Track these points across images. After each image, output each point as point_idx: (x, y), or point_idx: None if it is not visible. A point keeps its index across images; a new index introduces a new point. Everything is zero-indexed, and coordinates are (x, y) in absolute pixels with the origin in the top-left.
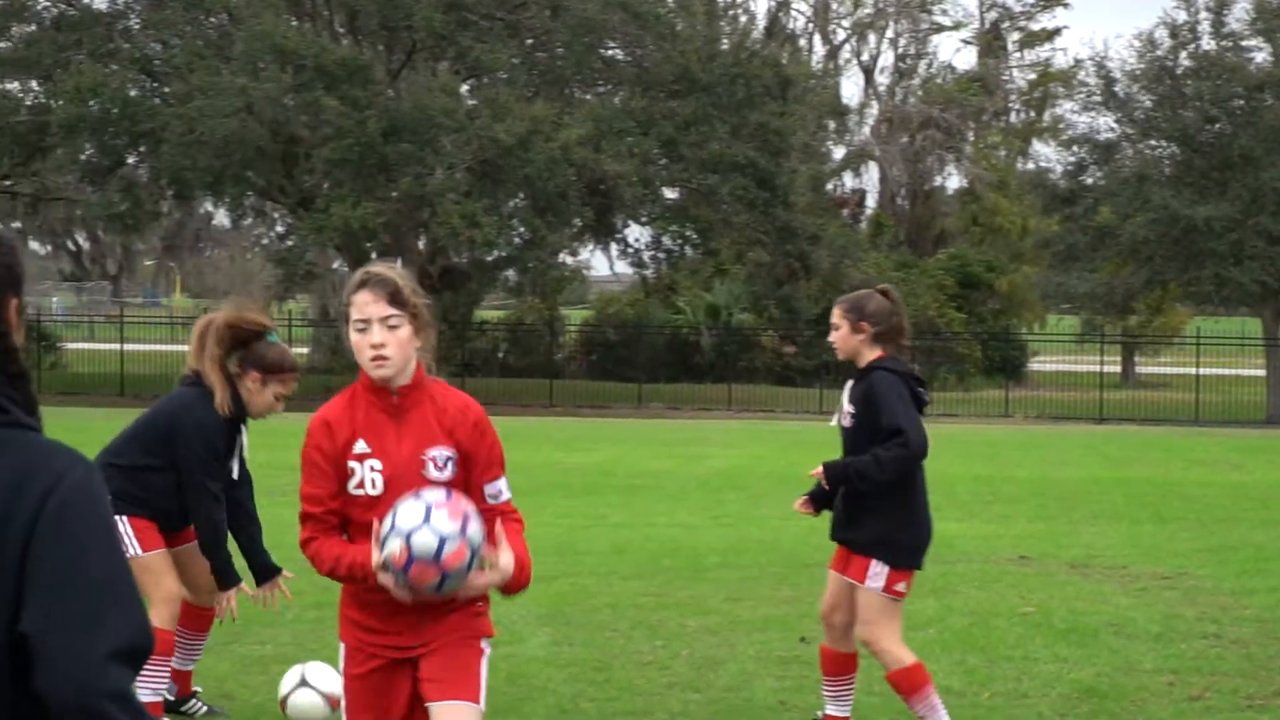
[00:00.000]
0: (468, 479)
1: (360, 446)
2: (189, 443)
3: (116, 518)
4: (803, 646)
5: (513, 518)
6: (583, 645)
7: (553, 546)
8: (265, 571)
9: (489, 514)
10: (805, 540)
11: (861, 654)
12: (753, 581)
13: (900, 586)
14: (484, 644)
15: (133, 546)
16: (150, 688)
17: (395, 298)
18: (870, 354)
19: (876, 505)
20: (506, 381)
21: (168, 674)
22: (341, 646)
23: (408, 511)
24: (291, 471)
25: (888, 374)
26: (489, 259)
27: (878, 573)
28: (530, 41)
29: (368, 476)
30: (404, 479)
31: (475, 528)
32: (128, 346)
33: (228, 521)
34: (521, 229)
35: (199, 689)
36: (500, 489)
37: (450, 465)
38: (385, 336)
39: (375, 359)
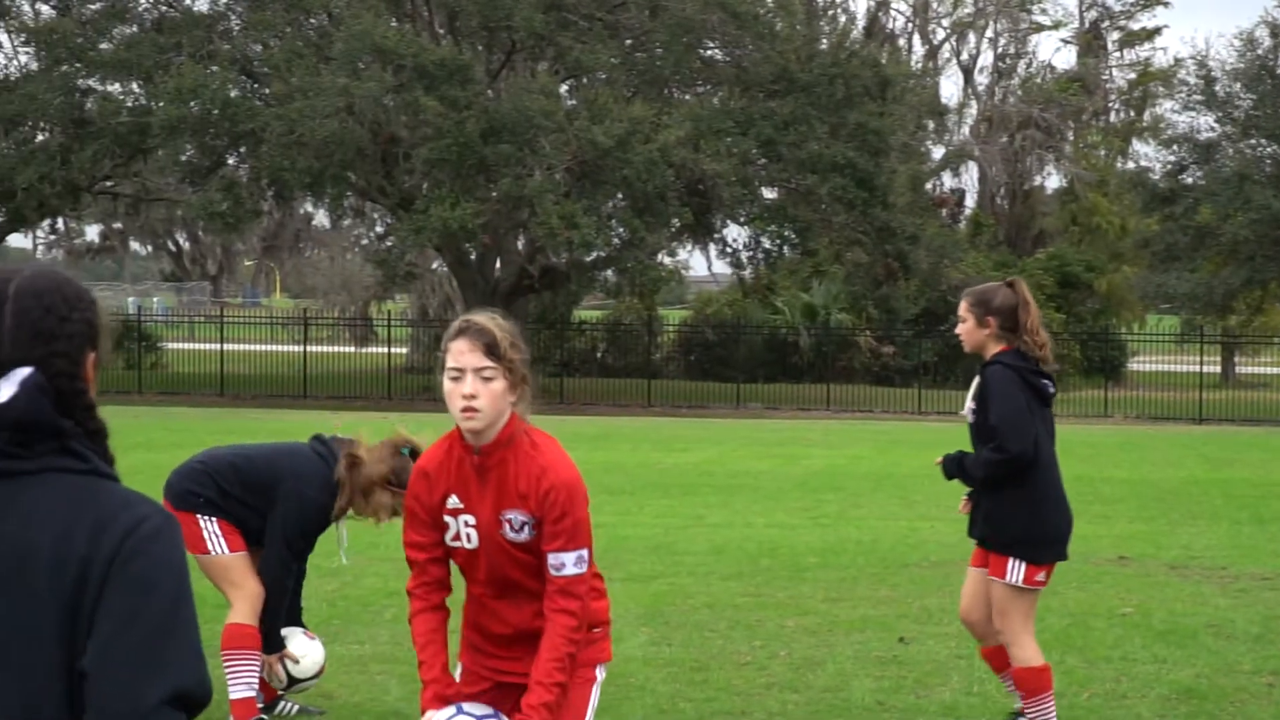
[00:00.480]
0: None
1: (453, 501)
2: (287, 514)
3: (205, 518)
4: (901, 647)
5: (562, 607)
6: (681, 645)
7: (651, 547)
8: (274, 644)
9: (549, 586)
10: (903, 540)
11: (961, 653)
12: (851, 582)
13: (1040, 577)
14: (597, 670)
15: (218, 546)
16: (244, 682)
17: (491, 350)
18: (995, 348)
19: (1008, 503)
20: (605, 381)
21: (258, 669)
22: (459, 666)
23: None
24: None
25: (1002, 369)
26: (587, 259)
27: (1015, 568)
28: (629, 42)
29: (463, 531)
30: (490, 538)
31: None
32: (227, 346)
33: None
34: (620, 229)
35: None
36: (562, 562)
37: (526, 529)
38: (478, 388)
39: (466, 410)
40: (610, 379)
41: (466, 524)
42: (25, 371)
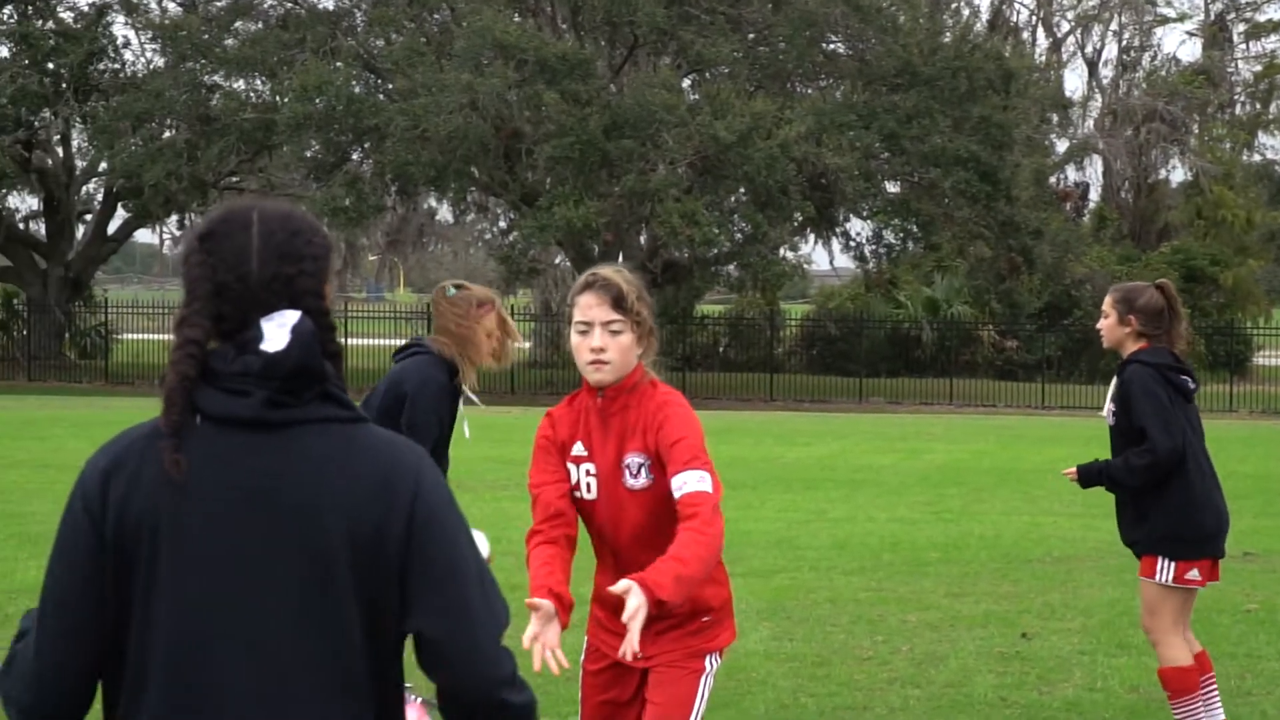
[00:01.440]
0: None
1: (578, 449)
2: (421, 401)
3: None
4: (1023, 642)
5: (692, 523)
6: (803, 640)
7: (773, 541)
8: None
9: (678, 512)
10: (1026, 536)
11: (1084, 649)
12: (973, 577)
13: (1192, 574)
14: (709, 661)
15: None
16: None
17: (619, 303)
18: (1133, 346)
19: (1153, 503)
20: (727, 376)
21: None
22: (585, 640)
23: None
24: (510, 466)
25: (1141, 368)
26: (710, 254)
27: (1165, 567)
28: (751, 36)
29: (583, 480)
30: (608, 485)
31: None
32: (351, 341)
33: None
34: (742, 224)
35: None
36: (684, 480)
37: (644, 472)
38: (605, 341)
39: (593, 362)
40: (732, 373)
41: (587, 473)
42: (294, 317)
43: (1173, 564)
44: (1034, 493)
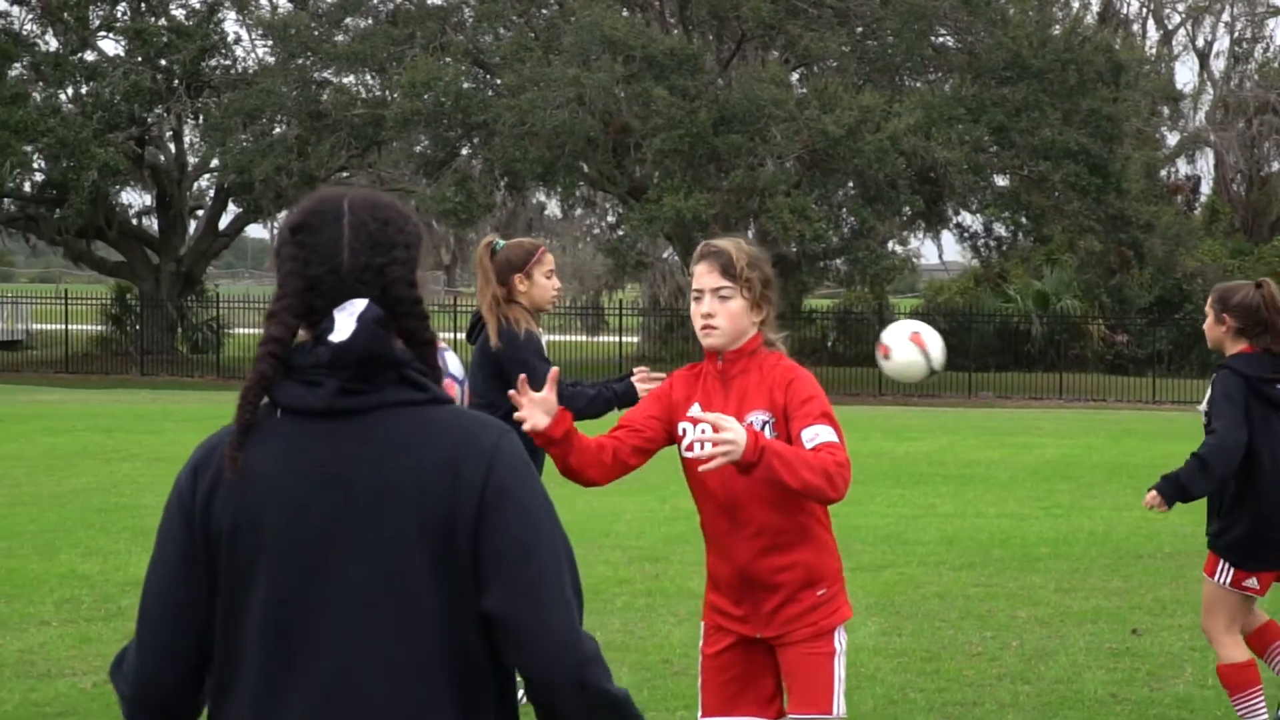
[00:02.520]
0: (789, 437)
1: (695, 409)
2: (516, 353)
3: None
4: (1134, 639)
5: (827, 450)
6: (911, 635)
7: (881, 536)
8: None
9: None
10: (1137, 531)
11: (1195, 645)
12: (1083, 573)
13: (1250, 583)
14: (837, 638)
15: None
16: None
17: (727, 270)
18: (1234, 347)
19: (1230, 506)
20: (835, 370)
21: None
22: (702, 626)
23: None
24: None
25: (1228, 375)
26: (818, 249)
27: (1224, 570)
28: (859, 29)
29: (697, 440)
30: None
31: None
32: (460, 335)
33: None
34: (850, 218)
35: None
36: (815, 432)
37: (767, 429)
38: (715, 307)
39: (704, 327)
40: (841, 367)
41: (704, 431)
42: (361, 305)
43: (1232, 569)
44: (1145, 488)
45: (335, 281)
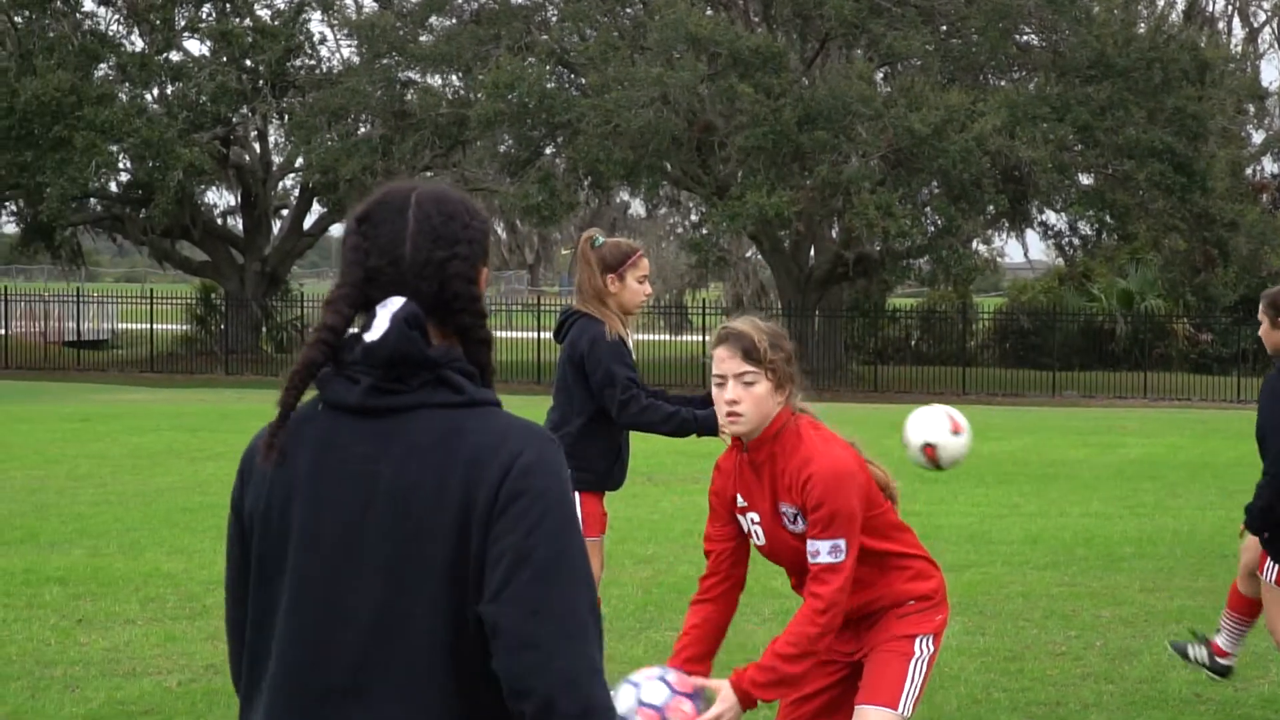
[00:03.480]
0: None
1: (740, 501)
2: (604, 358)
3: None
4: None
5: (812, 590)
6: (995, 635)
7: (965, 535)
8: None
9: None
10: (1221, 530)
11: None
12: (1168, 572)
13: None
14: (918, 644)
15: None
16: None
17: (749, 354)
18: None
19: (1270, 500)
20: (919, 369)
21: None
22: None
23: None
24: (700, 460)
25: (1277, 377)
26: (902, 247)
27: (1271, 567)
28: (944, 28)
29: (751, 529)
30: (772, 530)
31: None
32: (544, 335)
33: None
34: (935, 217)
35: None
36: (816, 549)
37: (800, 520)
38: (739, 393)
39: (729, 415)
40: (924, 367)
41: (753, 521)
42: (398, 303)
43: (1276, 567)
44: (1230, 487)
45: (395, 274)
